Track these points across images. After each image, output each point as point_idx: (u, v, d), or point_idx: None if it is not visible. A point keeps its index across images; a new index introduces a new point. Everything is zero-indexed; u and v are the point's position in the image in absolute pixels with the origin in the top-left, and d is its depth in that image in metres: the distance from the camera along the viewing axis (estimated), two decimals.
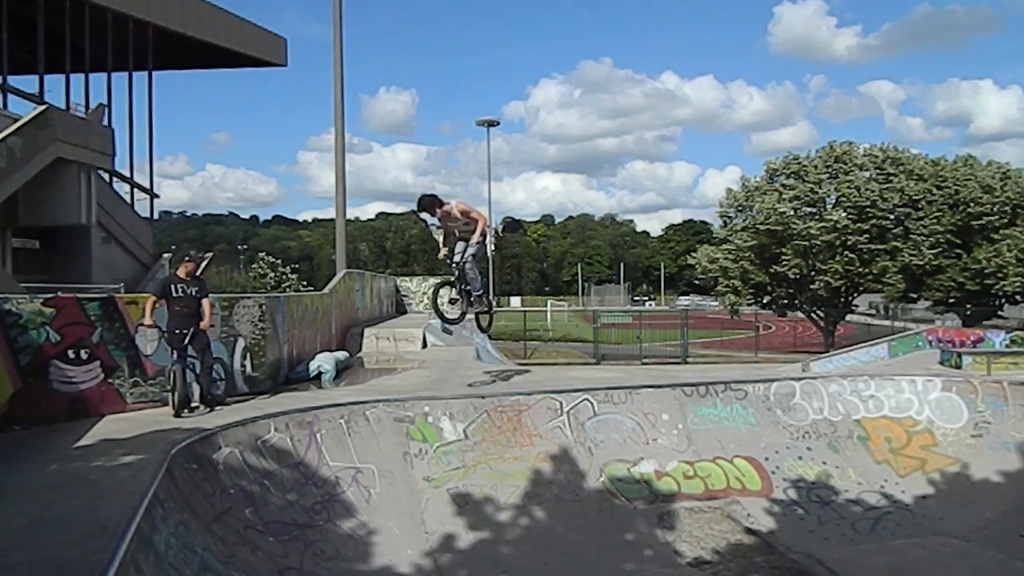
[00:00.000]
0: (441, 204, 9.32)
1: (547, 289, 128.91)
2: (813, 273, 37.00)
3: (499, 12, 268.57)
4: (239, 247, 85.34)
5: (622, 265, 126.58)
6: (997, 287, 35.74)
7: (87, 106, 29.03)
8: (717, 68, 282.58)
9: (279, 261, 43.67)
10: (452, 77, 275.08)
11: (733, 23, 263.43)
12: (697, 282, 52.12)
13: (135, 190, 32.25)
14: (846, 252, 35.78)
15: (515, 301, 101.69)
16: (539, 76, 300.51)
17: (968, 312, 36.22)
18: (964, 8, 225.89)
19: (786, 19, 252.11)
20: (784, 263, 36.96)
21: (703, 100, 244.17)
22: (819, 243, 35.84)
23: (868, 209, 35.71)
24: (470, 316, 9.71)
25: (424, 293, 25.41)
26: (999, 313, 38.16)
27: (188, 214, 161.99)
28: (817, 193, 37.19)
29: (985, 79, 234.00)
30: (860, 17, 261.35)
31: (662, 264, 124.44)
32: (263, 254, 45.85)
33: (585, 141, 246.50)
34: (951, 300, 37.92)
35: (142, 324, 7.73)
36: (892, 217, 36.14)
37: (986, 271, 35.57)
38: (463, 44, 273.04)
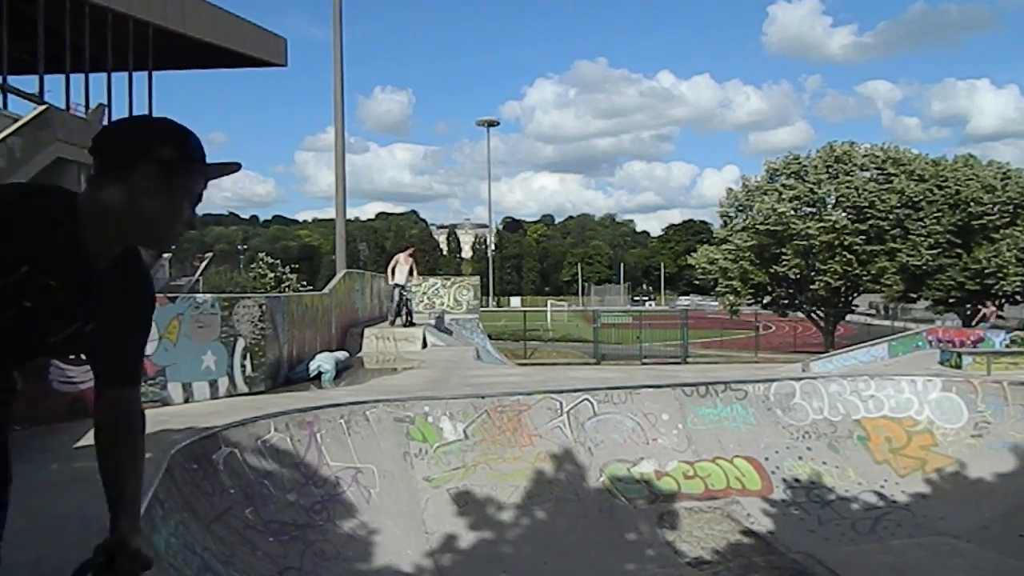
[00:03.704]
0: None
1: (547, 289, 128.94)
2: (813, 273, 37.02)
3: (494, 12, 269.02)
4: (239, 247, 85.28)
5: (622, 265, 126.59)
6: (997, 287, 35.80)
7: (87, 106, 29.05)
8: (713, 67, 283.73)
9: (278, 261, 43.63)
10: (448, 77, 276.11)
11: (728, 22, 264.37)
12: (697, 282, 52.14)
13: None
14: (844, 252, 35.80)
15: (515, 301, 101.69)
16: (535, 76, 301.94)
17: (968, 312, 36.26)
18: (959, 7, 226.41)
19: (781, 18, 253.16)
20: (784, 263, 37.00)
21: (700, 99, 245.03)
22: (818, 243, 35.85)
23: (867, 210, 35.73)
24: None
25: (424, 293, 25.45)
26: (999, 313, 38.21)
27: None
28: (817, 193, 37.22)
29: (982, 78, 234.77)
30: (855, 16, 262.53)
31: (662, 264, 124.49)
32: (262, 254, 45.80)
33: (581, 141, 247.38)
34: (951, 300, 38.00)
35: None
36: (891, 218, 36.16)
37: (986, 271, 35.64)
38: (459, 44, 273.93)
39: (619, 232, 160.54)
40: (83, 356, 1.84)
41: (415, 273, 17.38)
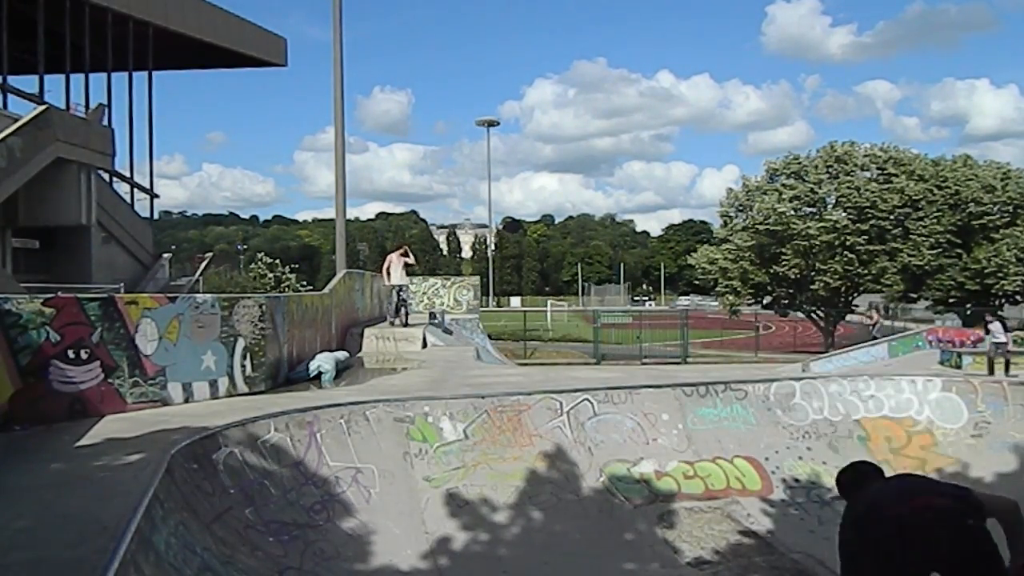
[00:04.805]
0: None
1: (547, 289, 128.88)
2: (813, 273, 37.00)
3: (494, 12, 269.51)
4: (239, 247, 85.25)
5: (622, 265, 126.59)
6: (997, 287, 35.77)
7: (87, 106, 29.04)
8: (713, 67, 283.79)
9: (277, 261, 43.60)
10: (447, 77, 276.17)
11: (727, 22, 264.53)
12: (697, 282, 52.17)
13: (135, 190, 32.26)
14: (845, 252, 35.78)
15: (515, 301, 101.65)
16: (534, 76, 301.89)
17: (968, 312, 36.23)
18: (958, 6, 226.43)
19: (780, 18, 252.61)
20: (784, 263, 36.97)
21: (699, 99, 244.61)
22: (819, 243, 35.83)
23: (868, 210, 35.72)
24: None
25: (424, 293, 25.47)
26: (999, 313, 38.17)
27: (188, 214, 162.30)
28: (817, 193, 37.21)
29: (981, 78, 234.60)
30: (854, 16, 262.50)
31: (662, 264, 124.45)
32: (261, 254, 45.79)
33: (581, 141, 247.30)
34: (951, 300, 37.95)
35: None
36: (891, 218, 36.16)
37: (986, 271, 35.61)
38: (458, 44, 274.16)
39: (619, 232, 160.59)
40: None
41: (412, 262, 16.87)
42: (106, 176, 28.68)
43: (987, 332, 14.99)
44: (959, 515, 2.94)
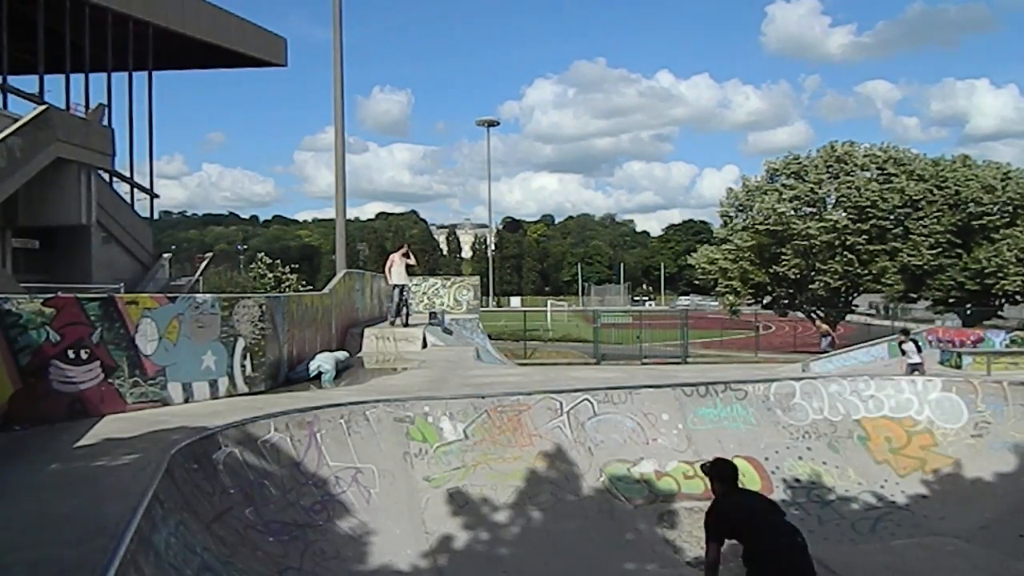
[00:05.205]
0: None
1: (547, 289, 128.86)
2: (813, 273, 37.00)
3: (494, 12, 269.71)
4: (239, 247, 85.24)
5: (622, 265, 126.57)
6: (997, 287, 35.77)
7: (87, 106, 29.03)
8: (712, 67, 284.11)
9: (277, 261, 43.58)
10: (447, 77, 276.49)
11: (727, 22, 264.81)
12: (697, 282, 52.23)
13: (135, 190, 32.26)
14: (845, 252, 35.78)
15: (515, 301, 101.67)
16: (533, 76, 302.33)
17: (968, 312, 36.24)
18: (958, 6, 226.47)
19: (779, 18, 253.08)
20: (784, 263, 36.97)
21: (699, 99, 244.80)
22: (819, 243, 35.83)
23: (868, 209, 35.74)
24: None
25: (424, 293, 25.47)
26: (999, 313, 38.20)
27: (188, 214, 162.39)
28: (817, 193, 37.23)
29: (981, 78, 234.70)
30: (854, 16, 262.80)
31: (662, 264, 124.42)
32: (261, 254, 45.78)
33: (580, 141, 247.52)
34: (951, 300, 37.95)
35: None
36: (892, 217, 36.18)
37: (986, 271, 35.60)
38: (458, 44, 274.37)
39: (619, 232, 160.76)
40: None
41: (413, 262, 16.69)
42: (106, 176, 28.67)
43: (902, 353, 14.56)
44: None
